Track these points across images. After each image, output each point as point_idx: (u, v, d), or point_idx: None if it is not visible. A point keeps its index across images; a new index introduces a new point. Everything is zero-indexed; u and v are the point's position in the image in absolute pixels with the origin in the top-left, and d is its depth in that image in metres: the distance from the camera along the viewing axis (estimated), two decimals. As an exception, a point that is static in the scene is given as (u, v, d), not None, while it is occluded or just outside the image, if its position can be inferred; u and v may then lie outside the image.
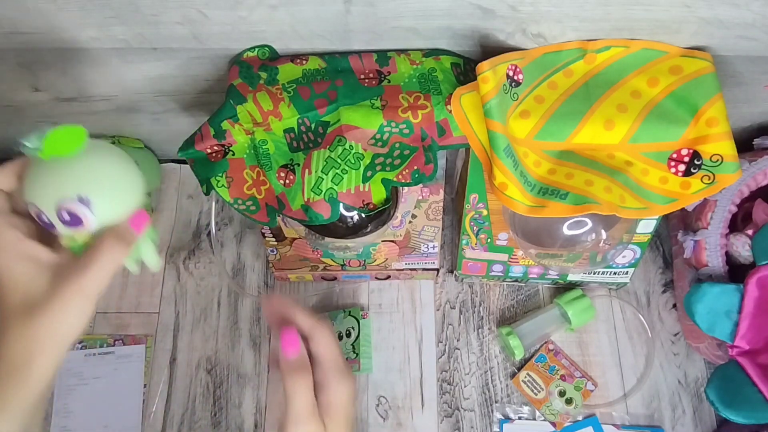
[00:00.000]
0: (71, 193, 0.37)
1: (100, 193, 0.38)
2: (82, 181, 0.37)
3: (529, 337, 0.70)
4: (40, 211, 0.37)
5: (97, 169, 0.39)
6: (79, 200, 0.37)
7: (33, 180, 0.38)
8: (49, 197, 0.36)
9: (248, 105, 0.55)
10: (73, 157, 0.37)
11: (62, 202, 0.36)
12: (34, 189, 0.37)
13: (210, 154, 0.56)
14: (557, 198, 0.52)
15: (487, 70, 0.49)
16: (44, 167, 0.38)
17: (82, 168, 0.38)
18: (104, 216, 0.38)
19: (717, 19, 0.50)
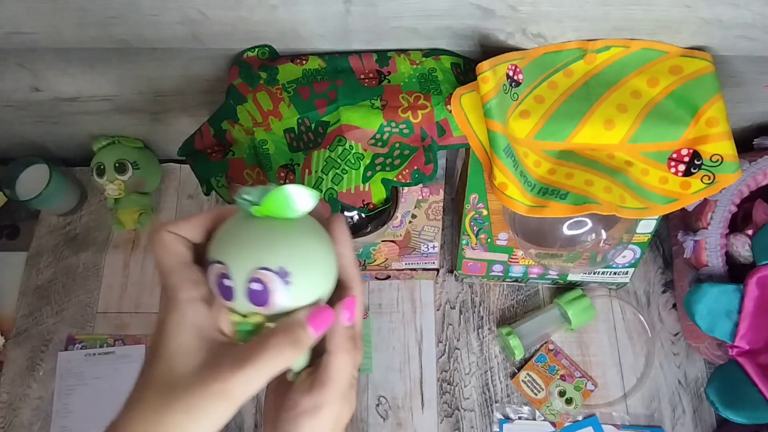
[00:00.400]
0: (274, 262, 0.30)
1: (302, 272, 0.31)
2: (289, 252, 0.31)
3: (529, 337, 0.70)
4: (227, 273, 0.30)
5: (304, 243, 0.32)
6: (279, 273, 0.30)
7: (230, 237, 0.31)
8: (246, 260, 0.30)
9: (248, 105, 0.55)
10: (282, 224, 0.31)
11: (260, 270, 0.30)
12: (229, 247, 0.31)
13: (210, 154, 0.56)
14: (557, 198, 0.52)
15: (487, 70, 0.49)
16: (248, 226, 0.31)
17: (291, 238, 0.31)
18: (294, 299, 0.31)
19: (717, 19, 0.50)
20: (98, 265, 0.77)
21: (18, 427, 0.69)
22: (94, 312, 0.75)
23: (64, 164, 0.82)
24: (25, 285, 0.77)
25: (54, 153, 0.82)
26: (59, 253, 0.78)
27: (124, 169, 0.74)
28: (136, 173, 0.75)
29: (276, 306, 0.30)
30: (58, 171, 0.75)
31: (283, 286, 0.30)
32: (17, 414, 0.70)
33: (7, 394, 0.71)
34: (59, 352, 0.72)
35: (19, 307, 0.75)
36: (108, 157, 0.74)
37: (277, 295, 0.30)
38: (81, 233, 0.80)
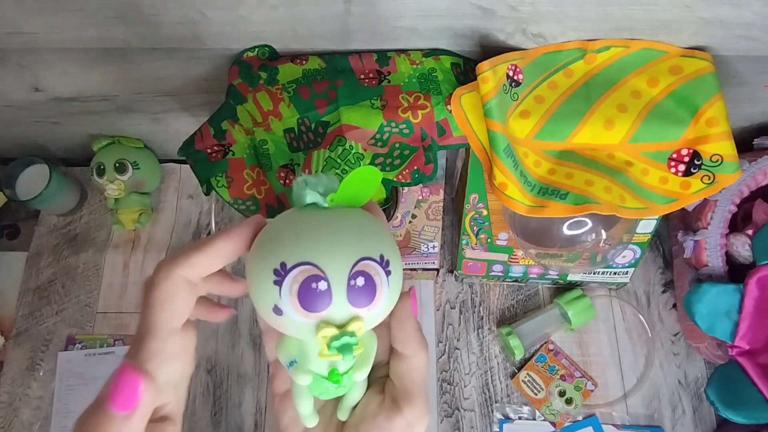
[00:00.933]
0: (373, 250, 0.25)
1: (395, 258, 0.27)
2: (380, 238, 0.26)
3: (529, 337, 0.70)
4: (322, 274, 0.24)
5: (383, 228, 0.27)
6: (381, 262, 0.25)
7: (306, 233, 0.25)
8: (343, 254, 0.24)
9: (248, 105, 0.55)
10: (354, 211, 0.27)
11: (363, 261, 0.25)
12: (311, 244, 0.25)
13: (210, 154, 0.56)
14: (557, 198, 0.52)
15: (487, 70, 0.49)
16: (322, 218, 0.26)
17: (373, 223, 0.27)
18: (393, 293, 0.26)
19: (717, 19, 0.50)
20: (98, 265, 0.77)
21: (18, 427, 0.69)
22: (94, 312, 0.75)
23: (64, 164, 0.82)
24: (25, 285, 0.77)
25: (54, 153, 0.82)
26: (59, 253, 0.78)
27: (124, 169, 0.74)
28: (136, 173, 0.75)
29: (380, 303, 0.26)
30: (58, 171, 0.75)
31: (386, 277, 0.25)
32: (17, 414, 0.70)
33: (7, 394, 0.71)
34: (59, 352, 0.72)
35: (19, 307, 0.75)
36: (108, 157, 0.74)
37: (383, 289, 0.25)
38: (81, 233, 0.80)
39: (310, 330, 0.25)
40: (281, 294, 0.24)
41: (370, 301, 0.25)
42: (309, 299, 0.24)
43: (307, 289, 0.24)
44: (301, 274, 0.24)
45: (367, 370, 0.28)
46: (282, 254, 0.25)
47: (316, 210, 0.27)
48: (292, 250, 0.25)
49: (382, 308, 0.26)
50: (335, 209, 0.27)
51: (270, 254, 0.25)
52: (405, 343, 0.29)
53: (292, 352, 0.28)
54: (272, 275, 0.24)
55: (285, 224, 0.26)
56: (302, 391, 0.29)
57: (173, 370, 0.27)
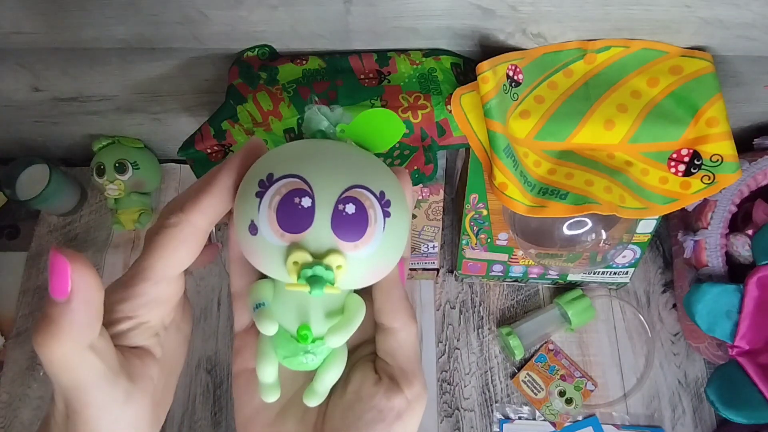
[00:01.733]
0: (373, 183, 0.22)
1: (399, 206, 0.23)
2: (386, 179, 0.24)
3: (529, 337, 0.70)
4: (307, 189, 0.21)
5: (394, 177, 0.25)
6: (380, 197, 0.22)
7: (305, 151, 0.23)
8: (336, 175, 0.22)
9: (248, 105, 0.55)
10: (366, 153, 0.25)
11: (356, 188, 0.22)
12: (306, 160, 0.22)
13: (210, 154, 0.56)
14: (557, 198, 0.52)
15: (487, 70, 0.49)
16: (327, 144, 0.24)
17: (383, 166, 0.25)
18: (389, 242, 0.23)
19: (717, 19, 0.50)
20: (98, 265, 0.77)
21: (18, 427, 0.69)
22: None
23: (64, 164, 0.82)
24: (25, 285, 0.77)
25: (54, 153, 0.82)
26: (59, 253, 0.78)
27: (124, 169, 0.74)
28: (136, 173, 0.75)
29: (369, 244, 0.22)
30: (58, 171, 0.75)
31: (382, 216, 0.22)
32: (17, 414, 0.70)
33: (7, 394, 0.71)
34: (59, 352, 0.72)
35: (19, 307, 0.75)
36: (108, 157, 0.74)
37: (376, 228, 0.22)
38: (81, 233, 0.80)
39: (281, 255, 0.22)
40: (260, 207, 0.21)
41: (357, 235, 0.21)
42: (288, 215, 0.21)
43: (287, 204, 0.21)
44: (285, 187, 0.21)
45: (344, 336, 0.24)
46: (272, 166, 0.22)
47: (322, 140, 0.25)
48: (283, 162, 0.22)
49: (370, 252, 0.22)
50: (344, 142, 0.25)
51: (260, 167, 0.23)
52: (393, 314, 0.25)
53: (262, 294, 0.24)
54: (256, 186, 0.22)
55: (285, 146, 0.24)
56: (266, 349, 0.25)
57: (154, 315, 0.25)
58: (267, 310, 0.24)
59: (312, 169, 0.22)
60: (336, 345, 0.24)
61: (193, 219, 0.24)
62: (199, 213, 0.24)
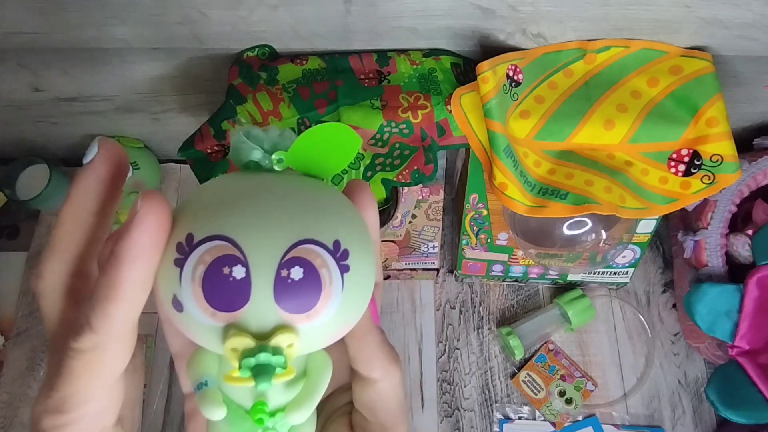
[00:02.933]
0: (324, 233, 0.18)
1: (360, 252, 0.19)
2: (341, 221, 0.19)
3: (529, 337, 0.70)
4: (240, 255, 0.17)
5: (350, 211, 0.20)
6: (333, 251, 0.18)
7: (235, 198, 0.18)
8: (276, 230, 0.17)
9: (248, 105, 0.55)
10: (312, 183, 0.20)
11: (303, 245, 0.17)
12: (237, 213, 0.17)
13: (210, 154, 0.56)
14: (557, 198, 0.52)
15: (487, 70, 0.49)
16: (263, 182, 0.19)
17: (335, 201, 0.19)
18: (350, 301, 0.18)
19: (717, 19, 0.50)
20: (98, 265, 0.77)
21: (18, 427, 0.69)
22: None
23: (64, 164, 0.82)
24: (25, 285, 0.77)
25: (54, 153, 0.82)
26: (59, 253, 0.78)
27: (124, 169, 0.74)
28: (136, 173, 0.75)
29: (325, 311, 0.17)
30: (58, 171, 0.75)
31: (338, 273, 0.17)
32: (17, 414, 0.70)
33: (7, 394, 0.71)
34: (59, 352, 0.72)
35: (19, 307, 0.75)
36: (108, 157, 0.74)
37: (332, 290, 0.17)
38: (81, 233, 0.80)
39: (217, 337, 0.17)
40: (182, 279, 0.17)
41: (308, 305, 0.17)
42: (217, 290, 0.16)
43: (215, 275, 0.16)
44: (210, 253, 0.16)
45: (309, 408, 0.20)
46: (190, 224, 0.17)
47: (256, 173, 0.20)
48: (203, 219, 0.17)
49: (328, 319, 0.18)
50: (284, 175, 0.20)
51: (177, 223, 0.18)
52: (369, 364, 0.21)
53: (205, 370, 0.20)
54: (174, 252, 0.17)
55: (207, 187, 0.19)
56: (218, 430, 0.21)
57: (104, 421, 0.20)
58: (211, 391, 0.19)
59: (242, 224, 0.17)
60: (299, 421, 0.20)
61: (111, 333, 0.17)
62: (114, 324, 0.17)
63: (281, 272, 0.17)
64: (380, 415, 0.22)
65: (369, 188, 0.21)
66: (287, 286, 0.17)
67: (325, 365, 0.20)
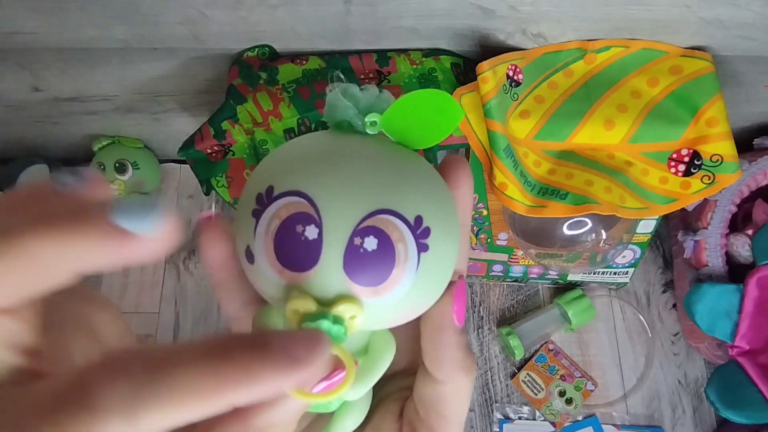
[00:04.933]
0: (406, 206, 0.16)
1: (443, 232, 0.17)
2: (426, 195, 0.17)
3: (529, 337, 0.70)
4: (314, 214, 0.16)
5: (439, 187, 0.18)
6: (414, 226, 0.16)
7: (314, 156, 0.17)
8: (354, 195, 0.16)
9: (248, 105, 0.55)
10: (403, 153, 0.18)
11: (380, 215, 0.16)
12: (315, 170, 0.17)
13: (210, 154, 0.56)
14: (557, 198, 0.52)
15: (487, 70, 0.49)
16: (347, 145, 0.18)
17: (424, 174, 0.18)
18: (426, 282, 0.17)
19: (717, 19, 0.50)
20: (98, 265, 0.77)
21: (18, 427, 0.69)
22: (94, 312, 0.75)
23: (64, 164, 0.82)
24: (25, 285, 0.77)
25: (54, 153, 0.82)
26: (59, 253, 0.78)
27: (124, 169, 0.74)
28: (136, 173, 0.75)
29: (396, 288, 0.16)
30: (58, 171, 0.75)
31: (416, 250, 0.16)
32: (17, 414, 0.70)
33: (7, 394, 0.71)
34: (59, 352, 0.72)
35: (19, 307, 0.75)
36: (108, 157, 0.74)
37: (406, 267, 0.16)
38: (81, 233, 0.80)
39: (283, 295, 0.17)
40: (256, 231, 0.16)
41: (378, 279, 0.16)
42: (288, 247, 0.16)
43: (288, 232, 0.16)
44: (286, 209, 0.16)
45: (364, 386, 0.19)
46: (273, 177, 0.17)
47: (348, 135, 0.19)
48: (287, 171, 0.17)
49: (397, 299, 0.17)
50: (376, 139, 0.18)
51: (260, 176, 0.17)
52: (437, 362, 0.19)
53: (271, 326, 0.19)
54: (254, 203, 0.17)
55: (296, 143, 0.19)
56: None
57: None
58: None
59: (323, 184, 0.16)
60: (352, 398, 0.19)
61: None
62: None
63: (354, 240, 0.16)
64: (432, 417, 0.20)
65: (467, 165, 0.20)
66: (359, 255, 0.16)
67: (388, 346, 0.20)
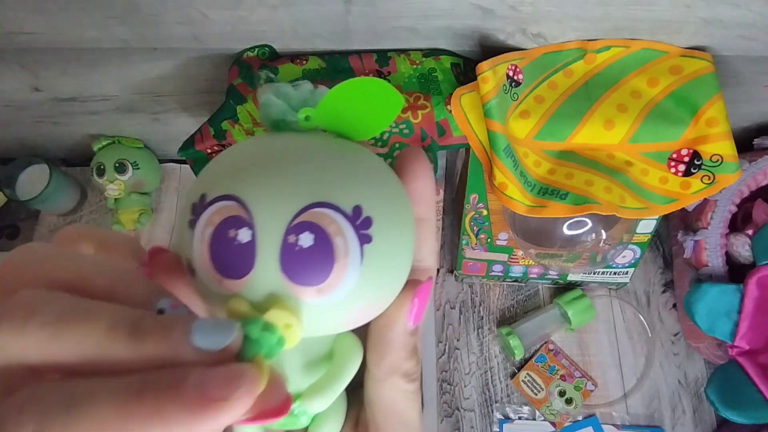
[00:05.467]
0: (342, 196, 0.16)
1: (388, 220, 0.16)
2: (365, 184, 0.17)
3: (529, 337, 0.70)
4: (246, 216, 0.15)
5: (383, 174, 0.17)
6: (352, 217, 0.15)
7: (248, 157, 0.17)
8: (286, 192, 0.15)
9: (248, 105, 0.55)
10: (339, 144, 0.18)
11: (315, 208, 0.15)
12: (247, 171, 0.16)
13: (210, 154, 0.56)
14: (557, 198, 0.52)
15: (487, 70, 0.49)
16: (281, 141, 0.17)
17: (362, 162, 0.17)
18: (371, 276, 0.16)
19: (717, 19, 0.50)
20: (98, 265, 0.77)
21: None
22: None
23: (64, 164, 0.82)
24: (25, 285, 0.77)
25: (54, 153, 0.82)
26: (59, 253, 0.78)
27: (124, 169, 0.74)
28: (136, 173, 0.75)
29: (340, 284, 0.15)
30: (58, 171, 0.75)
31: (357, 245, 0.15)
32: (17, 414, 0.70)
33: (7, 394, 0.71)
34: (59, 352, 0.72)
35: (19, 307, 0.75)
36: (108, 157, 0.74)
37: (348, 260, 0.15)
38: (81, 233, 0.80)
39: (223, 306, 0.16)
40: (193, 241, 0.16)
41: (319, 277, 0.15)
42: (223, 254, 0.15)
43: (221, 238, 0.15)
44: (219, 213, 0.15)
45: (330, 396, 0.18)
46: (205, 185, 0.16)
47: (283, 134, 0.18)
48: (217, 178, 0.16)
49: (344, 297, 0.15)
50: (312, 135, 0.18)
51: (195, 187, 0.17)
52: (376, 359, 0.18)
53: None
54: (189, 213, 0.16)
55: (229, 150, 0.18)
56: None
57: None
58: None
59: (252, 184, 0.15)
60: (318, 410, 0.18)
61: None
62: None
63: (288, 238, 0.15)
64: (377, 417, 0.20)
65: (424, 157, 0.19)
66: (295, 253, 0.15)
67: (354, 350, 0.19)
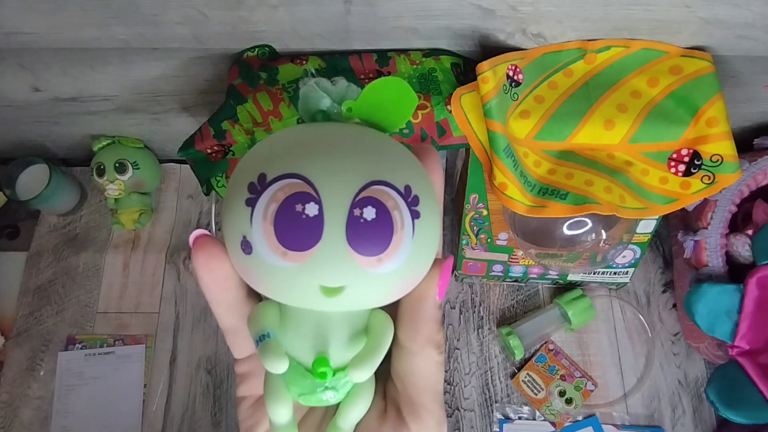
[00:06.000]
0: (397, 176, 0.17)
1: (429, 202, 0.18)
2: (411, 169, 0.19)
3: (529, 337, 0.70)
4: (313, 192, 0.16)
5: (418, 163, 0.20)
6: (405, 194, 0.17)
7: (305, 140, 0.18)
8: (349, 170, 0.17)
9: (248, 105, 0.55)
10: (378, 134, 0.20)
11: (375, 186, 0.17)
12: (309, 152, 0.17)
13: (210, 154, 0.56)
14: (557, 198, 0.52)
15: (487, 70, 0.49)
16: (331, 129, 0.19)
17: (403, 151, 0.19)
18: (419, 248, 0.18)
19: (717, 19, 0.50)
20: (98, 265, 0.77)
21: (18, 427, 0.69)
22: (94, 312, 0.75)
23: (64, 164, 0.82)
24: (25, 285, 0.77)
25: (54, 153, 0.82)
26: (59, 253, 0.78)
27: (124, 169, 0.74)
28: (136, 173, 0.75)
29: (397, 254, 0.17)
30: (58, 171, 0.75)
31: (410, 219, 0.17)
32: (17, 414, 0.70)
33: (7, 394, 0.71)
34: (59, 352, 0.72)
35: (19, 307, 0.75)
36: (108, 157, 0.74)
37: (403, 233, 0.17)
38: (81, 233, 0.80)
39: (289, 279, 0.17)
40: (252, 218, 0.17)
41: (380, 247, 0.17)
42: (289, 228, 0.16)
43: (288, 213, 0.16)
44: (283, 191, 0.16)
45: (372, 367, 0.19)
46: (263, 162, 0.17)
47: (326, 122, 0.20)
48: (278, 157, 0.17)
49: (398, 266, 0.17)
50: (353, 124, 0.20)
51: (249, 164, 0.18)
52: (411, 332, 0.20)
53: (267, 323, 0.19)
54: (246, 192, 0.17)
55: (279, 134, 0.19)
56: (277, 386, 0.20)
57: None
58: (273, 343, 0.19)
59: (316, 164, 0.17)
60: (361, 380, 0.19)
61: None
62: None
63: (354, 211, 0.16)
64: (410, 389, 0.21)
65: (436, 154, 0.21)
66: (360, 225, 0.16)
67: (387, 324, 0.20)
